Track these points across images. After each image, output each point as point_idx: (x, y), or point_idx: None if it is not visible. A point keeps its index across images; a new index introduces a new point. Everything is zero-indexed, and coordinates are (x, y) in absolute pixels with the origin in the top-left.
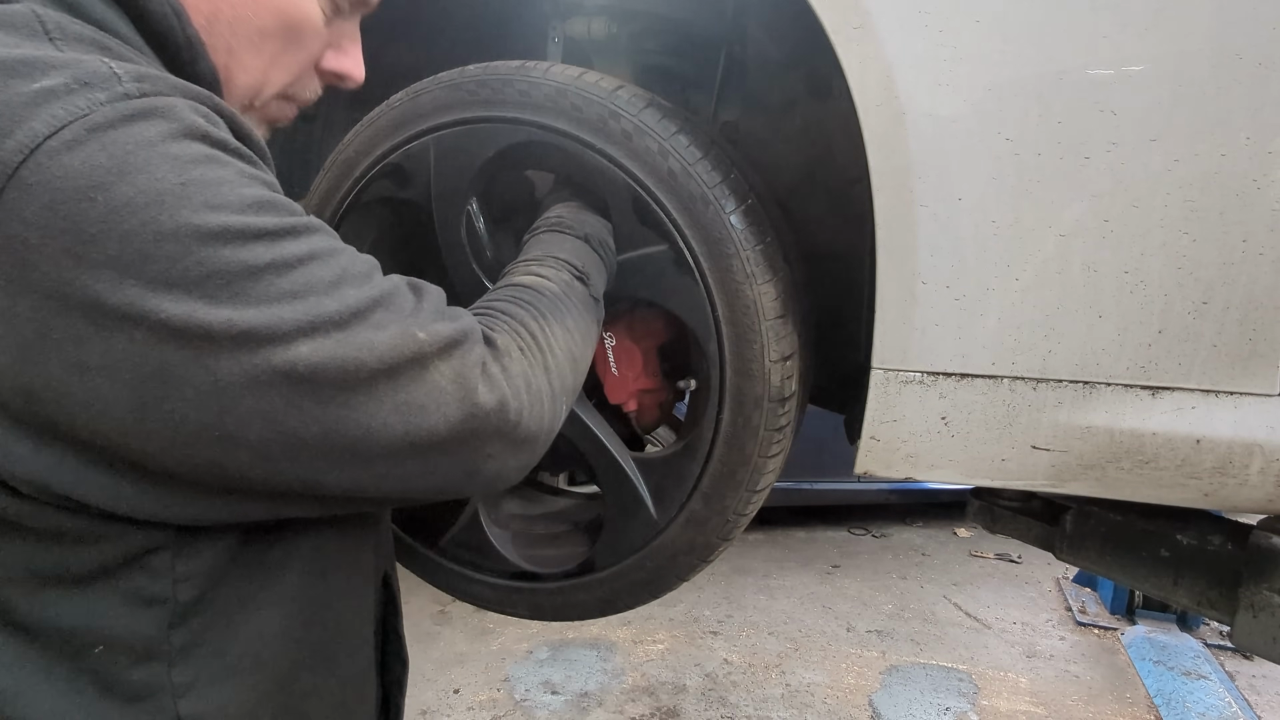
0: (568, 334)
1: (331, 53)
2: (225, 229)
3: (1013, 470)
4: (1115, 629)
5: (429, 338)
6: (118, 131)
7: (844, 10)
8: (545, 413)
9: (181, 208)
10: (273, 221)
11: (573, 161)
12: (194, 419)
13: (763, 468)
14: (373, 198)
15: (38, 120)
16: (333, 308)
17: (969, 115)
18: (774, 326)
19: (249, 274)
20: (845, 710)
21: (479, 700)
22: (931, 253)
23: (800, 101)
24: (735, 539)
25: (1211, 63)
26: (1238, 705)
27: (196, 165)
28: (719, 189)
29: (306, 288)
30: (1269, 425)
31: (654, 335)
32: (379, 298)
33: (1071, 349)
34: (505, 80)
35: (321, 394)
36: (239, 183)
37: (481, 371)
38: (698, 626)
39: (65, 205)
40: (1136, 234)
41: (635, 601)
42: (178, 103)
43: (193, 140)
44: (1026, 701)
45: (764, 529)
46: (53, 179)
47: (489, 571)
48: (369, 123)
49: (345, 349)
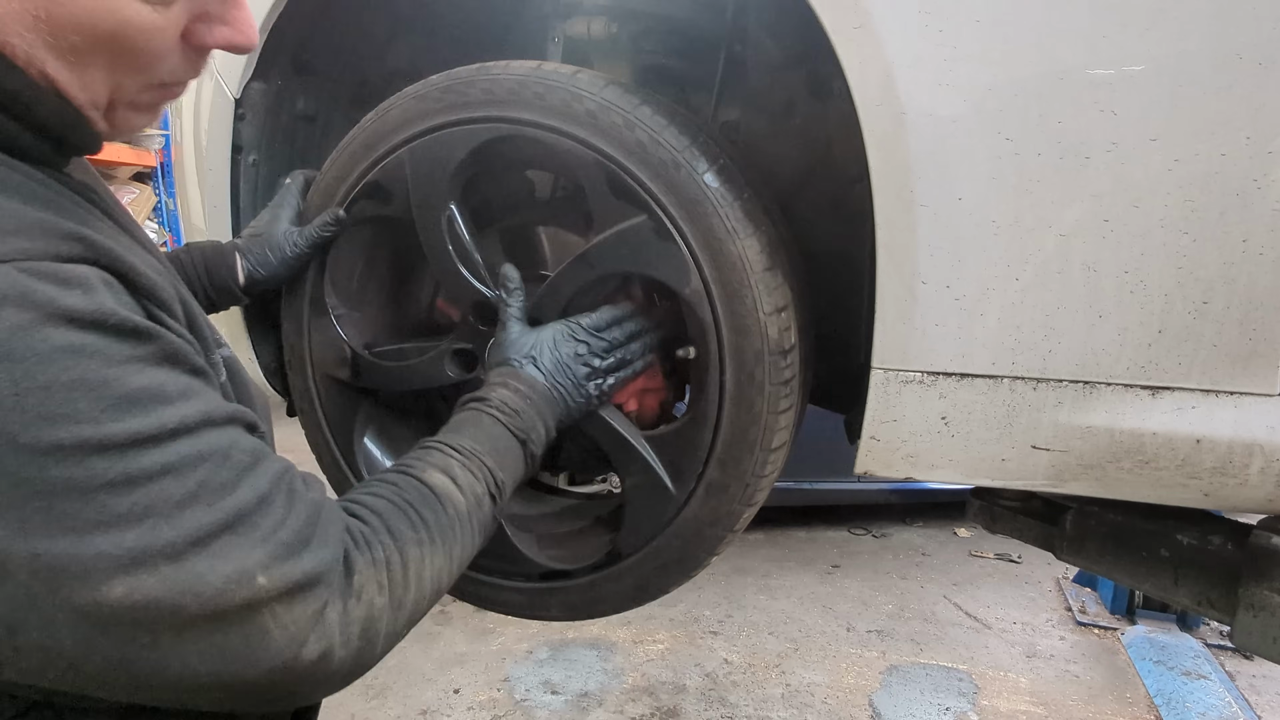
0: (448, 564)
1: (202, 26)
2: (58, 446)
3: (1013, 470)
4: (1115, 629)
5: (269, 583)
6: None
7: (844, 10)
8: (377, 650)
9: (9, 423)
10: (130, 427)
11: (542, 148)
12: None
13: (774, 424)
14: (357, 219)
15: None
16: (169, 536)
17: (969, 115)
18: (763, 279)
19: (79, 495)
20: (845, 710)
21: (479, 700)
22: (931, 253)
23: (800, 101)
24: (759, 504)
25: (1211, 63)
26: (1238, 705)
27: (46, 364)
28: (688, 152)
29: (147, 510)
30: (1269, 425)
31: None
32: (235, 516)
33: (1071, 349)
34: (468, 82)
35: (122, 634)
36: (100, 379)
37: (317, 620)
38: (698, 626)
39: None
40: (1136, 234)
41: (668, 583)
42: (31, 280)
43: (55, 326)
44: (1026, 701)
45: (764, 529)
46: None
47: (518, 576)
48: (343, 148)
49: (167, 589)
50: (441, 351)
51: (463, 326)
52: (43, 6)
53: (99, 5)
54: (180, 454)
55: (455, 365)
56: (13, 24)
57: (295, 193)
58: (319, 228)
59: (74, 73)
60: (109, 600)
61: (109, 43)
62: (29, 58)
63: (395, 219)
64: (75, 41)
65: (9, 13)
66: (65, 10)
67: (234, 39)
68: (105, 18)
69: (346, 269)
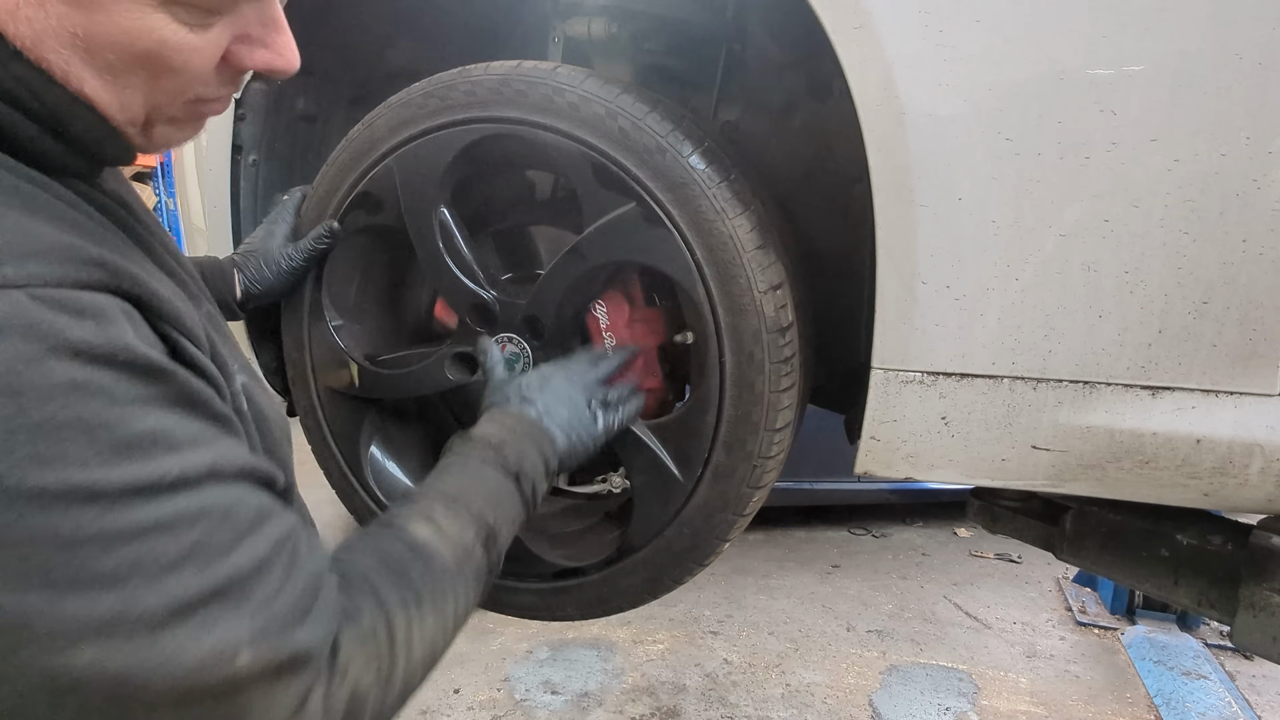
0: (441, 626)
1: (242, 48)
2: (41, 491)
3: (1013, 470)
4: (1115, 629)
5: (253, 660)
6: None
7: (844, 10)
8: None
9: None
10: (125, 475)
11: (527, 145)
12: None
13: (777, 403)
14: (350, 230)
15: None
16: (150, 602)
17: (969, 115)
18: (755, 258)
19: (58, 547)
20: (845, 710)
21: (479, 700)
22: (931, 253)
23: (800, 101)
24: (769, 485)
25: (1211, 63)
26: (1238, 705)
27: (44, 401)
28: (672, 136)
29: (132, 569)
30: (1269, 425)
31: (653, 335)
32: (227, 583)
33: (1071, 349)
34: (450, 86)
35: (82, 705)
36: (99, 420)
37: (299, 706)
38: (698, 626)
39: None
40: (1136, 234)
41: (682, 574)
42: (42, 309)
43: (59, 359)
44: (1026, 701)
45: (764, 529)
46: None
47: (531, 577)
48: (332, 161)
49: (139, 661)
50: (441, 356)
51: (461, 330)
52: (80, 24)
53: (136, 25)
54: (177, 509)
55: (456, 369)
56: (50, 40)
57: (291, 208)
58: (314, 240)
59: (111, 90)
60: (73, 668)
61: (146, 62)
62: (66, 74)
63: (389, 227)
64: (112, 60)
65: (46, 29)
66: (102, 29)
67: (274, 63)
68: (142, 38)
69: (344, 281)
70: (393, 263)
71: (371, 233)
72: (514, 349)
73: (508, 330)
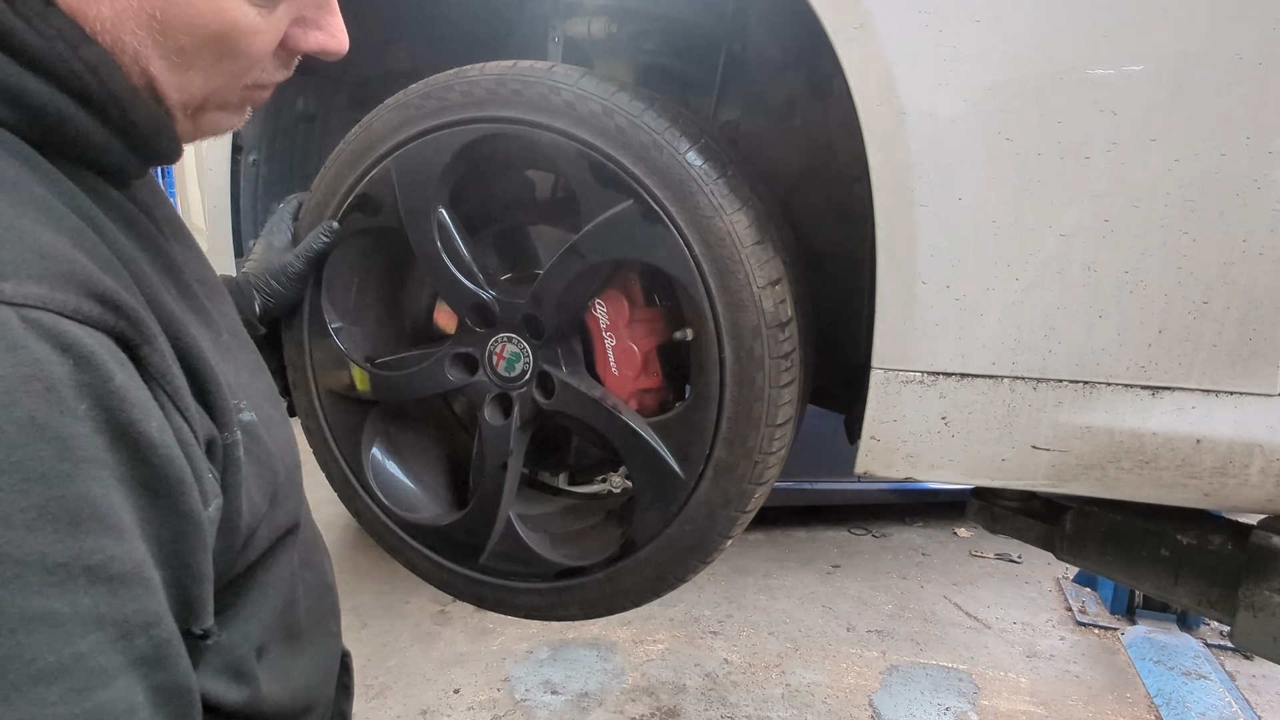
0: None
1: (298, 30)
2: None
3: (1013, 470)
4: (1115, 629)
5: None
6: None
7: (844, 10)
8: None
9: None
10: (39, 544)
11: (524, 144)
12: None
13: (777, 399)
14: (349, 232)
15: None
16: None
17: (969, 115)
18: (754, 253)
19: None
20: (845, 710)
21: (479, 700)
22: (931, 253)
23: (800, 101)
24: (771, 481)
25: (1211, 63)
26: (1238, 705)
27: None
28: (669, 133)
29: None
30: (1269, 425)
31: (653, 335)
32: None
33: (1071, 349)
34: (446, 87)
35: None
36: (39, 472)
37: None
38: (698, 626)
39: None
40: (1136, 234)
41: (685, 571)
42: (27, 334)
43: (28, 393)
44: (1026, 701)
45: (764, 529)
46: None
47: (535, 578)
48: (330, 164)
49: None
50: (441, 356)
51: (461, 330)
52: (159, 6)
53: (210, 6)
54: (78, 607)
55: (456, 369)
56: (129, 22)
57: (287, 217)
58: (314, 240)
59: (174, 73)
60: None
61: (214, 44)
62: (135, 55)
63: (388, 229)
64: (184, 42)
65: (126, 10)
66: (179, 10)
67: (327, 44)
68: (215, 18)
69: (344, 284)
70: (391, 264)
71: (370, 234)
72: (514, 349)
73: (507, 330)
